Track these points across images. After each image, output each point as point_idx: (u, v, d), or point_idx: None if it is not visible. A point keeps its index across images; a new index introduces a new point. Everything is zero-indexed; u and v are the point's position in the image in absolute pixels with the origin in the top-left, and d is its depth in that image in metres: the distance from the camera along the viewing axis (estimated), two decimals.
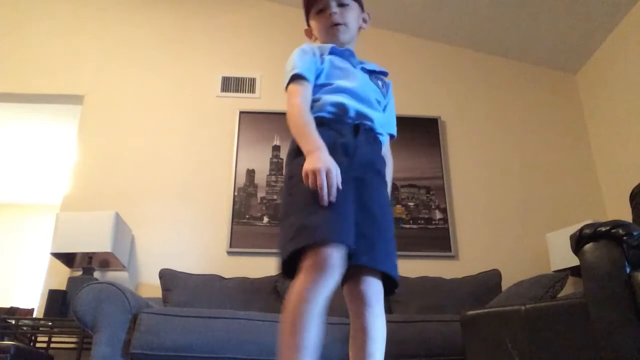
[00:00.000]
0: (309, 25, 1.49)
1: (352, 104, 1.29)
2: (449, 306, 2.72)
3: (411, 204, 3.48)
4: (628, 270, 1.40)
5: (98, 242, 2.85)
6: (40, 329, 2.89)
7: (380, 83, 1.40)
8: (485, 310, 1.84)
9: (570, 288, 3.00)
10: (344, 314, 2.47)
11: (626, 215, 1.91)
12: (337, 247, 1.07)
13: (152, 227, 3.30)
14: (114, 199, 3.31)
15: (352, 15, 1.37)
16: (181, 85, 3.76)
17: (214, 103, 3.72)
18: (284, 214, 1.21)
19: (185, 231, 3.30)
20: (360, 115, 1.29)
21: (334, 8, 1.34)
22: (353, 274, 1.15)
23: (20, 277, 6.15)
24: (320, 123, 1.27)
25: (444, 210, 3.46)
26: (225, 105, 3.70)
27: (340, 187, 1.12)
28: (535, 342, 1.58)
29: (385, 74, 1.45)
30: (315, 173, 1.10)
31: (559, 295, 2.36)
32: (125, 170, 3.45)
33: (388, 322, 1.29)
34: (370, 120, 1.30)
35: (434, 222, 3.43)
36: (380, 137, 1.34)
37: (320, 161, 1.13)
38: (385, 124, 1.36)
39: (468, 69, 4.00)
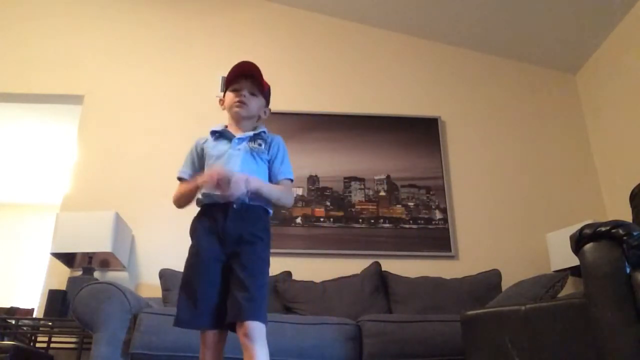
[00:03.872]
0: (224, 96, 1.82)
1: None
2: (449, 306, 2.72)
3: (411, 204, 3.48)
4: (628, 270, 1.40)
5: (98, 242, 2.85)
6: (40, 329, 2.89)
7: (257, 145, 1.68)
8: (485, 310, 1.84)
9: (570, 288, 3.00)
10: (344, 314, 2.47)
11: (626, 215, 1.91)
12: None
13: (152, 227, 3.30)
14: (114, 199, 3.31)
15: (256, 104, 1.73)
16: (181, 85, 3.76)
17: (214, 103, 3.70)
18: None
19: (185, 231, 3.28)
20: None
21: (245, 91, 1.71)
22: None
23: (20, 277, 6.14)
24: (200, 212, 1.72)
25: (444, 210, 3.46)
26: None
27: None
28: (535, 342, 1.58)
29: (261, 135, 1.72)
30: None
31: (559, 295, 2.36)
32: (125, 170, 3.45)
33: (388, 322, 1.32)
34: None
35: (434, 222, 3.43)
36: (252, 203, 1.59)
37: None
38: (277, 174, 1.67)
39: (468, 69, 4.00)
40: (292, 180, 1.69)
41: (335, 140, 3.62)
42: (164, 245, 3.25)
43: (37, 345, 2.91)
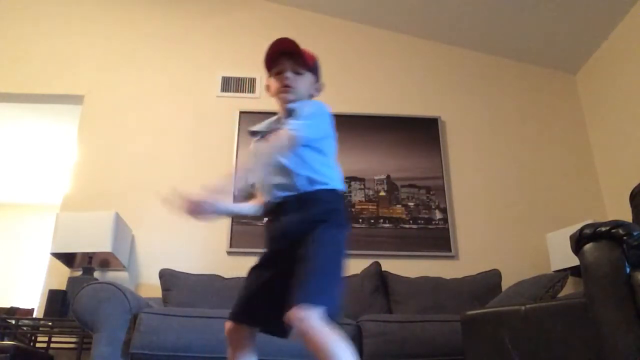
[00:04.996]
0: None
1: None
2: (449, 306, 2.72)
3: (411, 204, 3.48)
4: (628, 270, 1.40)
5: (98, 242, 2.85)
6: (40, 329, 2.89)
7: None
8: (485, 310, 1.84)
9: (570, 288, 3.00)
10: (344, 314, 2.46)
11: (626, 215, 1.91)
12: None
13: (152, 227, 3.30)
14: (114, 199, 3.31)
15: (302, 83, 1.53)
16: (181, 85, 3.76)
17: (214, 103, 3.72)
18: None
19: (185, 231, 3.30)
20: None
21: (289, 73, 1.51)
22: None
23: (20, 277, 6.14)
24: None
25: (444, 210, 3.46)
26: (225, 105, 3.70)
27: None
28: (535, 342, 1.58)
29: (292, 112, 1.50)
30: None
31: (559, 295, 2.36)
32: (125, 170, 3.45)
33: (388, 322, 1.31)
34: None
35: (434, 222, 3.43)
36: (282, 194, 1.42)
37: None
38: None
39: (468, 69, 4.00)
40: (295, 135, 1.35)
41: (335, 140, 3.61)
42: (164, 245, 3.25)
43: (37, 345, 2.91)
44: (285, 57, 1.51)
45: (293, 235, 1.36)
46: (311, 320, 1.14)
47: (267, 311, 1.35)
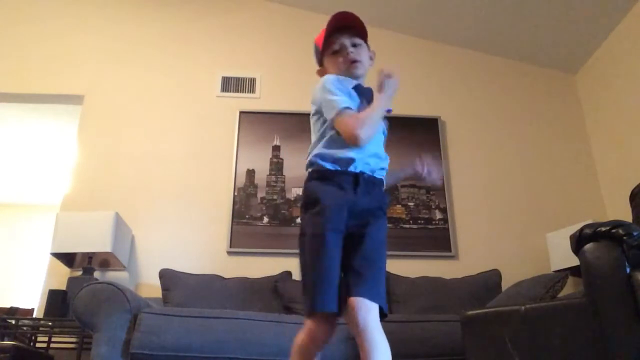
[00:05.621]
0: (321, 65, 1.63)
1: (360, 156, 1.42)
2: (449, 306, 2.72)
3: (411, 204, 3.48)
4: (628, 270, 1.40)
5: (98, 242, 2.85)
6: (40, 329, 2.88)
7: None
8: (485, 310, 1.84)
9: (570, 288, 3.00)
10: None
11: (626, 215, 1.91)
12: (321, 315, 1.30)
13: (152, 227, 3.30)
14: (114, 199, 3.31)
15: (365, 53, 1.55)
16: (181, 85, 3.76)
17: (214, 103, 3.72)
18: (301, 267, 1.38)
19: (185, 231, 3.30)
20: (364, 164, 1.43)
21: (350, 47, 1.52)
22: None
23: (20, 277, 6.15)
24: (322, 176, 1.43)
25: (444, 210, 3.46)
26: (225, 105, 3.70)
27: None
28: (535, 342, 1.58)
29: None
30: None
31: (559, 295, 2.36)
32: (125, 170, 3.45)
33: (388, 322, 1.31)
34: (371, 166, 1.44)
35: (434, 222, 3.43)
36: (380, 174, 1.46)
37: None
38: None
39: (468, 69, 4.00)
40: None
41: None
42: (164, 245, 3.25)
43: (37, 345, 2.91)
44: (342, 32, 1.52)
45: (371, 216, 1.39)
46: (371, 314, 1.23)
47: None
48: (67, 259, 3.03)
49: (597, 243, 1.47)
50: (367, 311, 1.23)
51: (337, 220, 1.34)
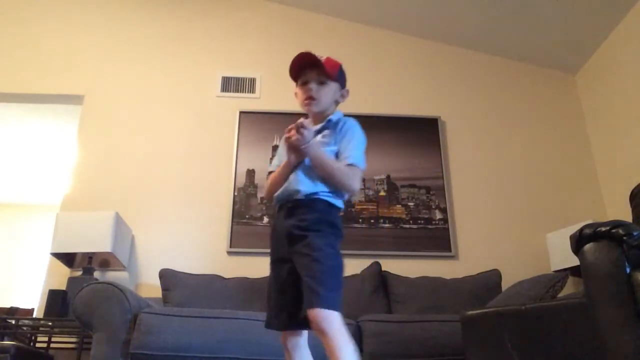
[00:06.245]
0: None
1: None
2: (449, 306, 2.72)
3: (411, 204, 3.48)
4: (628, 270, 1.39)
5: (98, 242, 2.85)
6: (40, 329, 2.89)
7: (322, 137, 1.59)
8: (485, 310, 1.84)
9: (570, 288, 3.00)
10: (344, 314, 2.47)
11: (626, 215, 1.91)
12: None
13: (152, 227, 3.30)
14: (114, 199, 3.31)
15: (326, 93, 1.62)
16: (181, 85, 3.76)
17: (214, 103, 3.72)
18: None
19: (185, 231, 3.30)
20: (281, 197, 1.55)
21: (312, 84, 1.60)
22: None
23: (20, 277, 6.14)
24: None
25: (444, 210, 3.46)
26: (225, 105, 3.70)
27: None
28: (535, 342, 1.58)
29: (328, 124, 1.62)
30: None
31: (559, 295, 2.36)
32: (125, 170, 3.45)
33: (388, 322, 1.33)
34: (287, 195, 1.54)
35: (434, 222, 3.43)
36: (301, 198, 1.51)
37: None
38: (340, 159, 1.56)
39: (468, 69, 4.00)
40: (357, 167, 1.53)
41: None
42: (164, 245, 3.25)
43: (37, 345, 2.91)
44: (309, 68, 1.60)
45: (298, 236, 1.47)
46: (333, 321, 1.32)
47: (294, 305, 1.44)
48: (67, 259, 3.03)
49: (597, 243, 1.46)
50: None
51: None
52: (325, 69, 1.60)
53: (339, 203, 1.56)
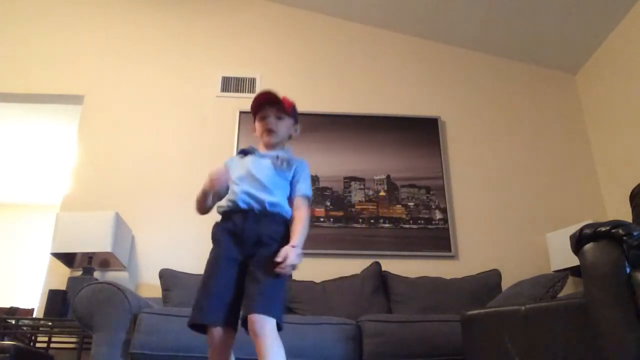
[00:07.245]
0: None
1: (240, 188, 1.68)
2: (449, 306, 2.72)
3: (411, 204, 3.48)
4: (628, 270, 1.40)
5: (98, 242, 2.85)
6: (40, 329, 2.89)
7: (280, 164, 1.73)
8: (485, 310, 1.84)
9: (570, 288, 3.00)
10: (344, 314, 2.47)
11: (626, 215, 1.91)
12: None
13: (152, 227, 3.30)
14: (114, 199, 3.31)
15: (283, 126, 1.79)
16: (181, 85, 3.76)
17: (214, 103, 3.72)
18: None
19: (185, 231, 3.30)
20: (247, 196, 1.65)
21: (271, 118, 1.77)
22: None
23: (20, 277, 6.14)
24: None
25: (444, 210, 3.46)
26: (225, 105, 3.70)
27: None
28: (535, 342, 1.58)
29: (284, 156, 1.77)
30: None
31: (559, 295, 2.36)
32: (125, 170, 3.45)
33: (388, 322, 1.32)
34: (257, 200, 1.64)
35: (434, 222, 3.43)
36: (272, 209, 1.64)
37: None
38: (296, 191, 1.71)
39: (468, 69, 4.00)
40: (309, 199, 1.72)
41: (335, 140, 3.62)
42: (164, 245, 3.25)
43: (37, 345, 2.91)
44: (268, 105, 1.78)
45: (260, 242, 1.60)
46: (274, 328, 1.44)
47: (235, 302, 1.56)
48: (67, 259, 3.03)
49: (597, 243, 1.46)
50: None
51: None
52: (284, 106, 1.77)
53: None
